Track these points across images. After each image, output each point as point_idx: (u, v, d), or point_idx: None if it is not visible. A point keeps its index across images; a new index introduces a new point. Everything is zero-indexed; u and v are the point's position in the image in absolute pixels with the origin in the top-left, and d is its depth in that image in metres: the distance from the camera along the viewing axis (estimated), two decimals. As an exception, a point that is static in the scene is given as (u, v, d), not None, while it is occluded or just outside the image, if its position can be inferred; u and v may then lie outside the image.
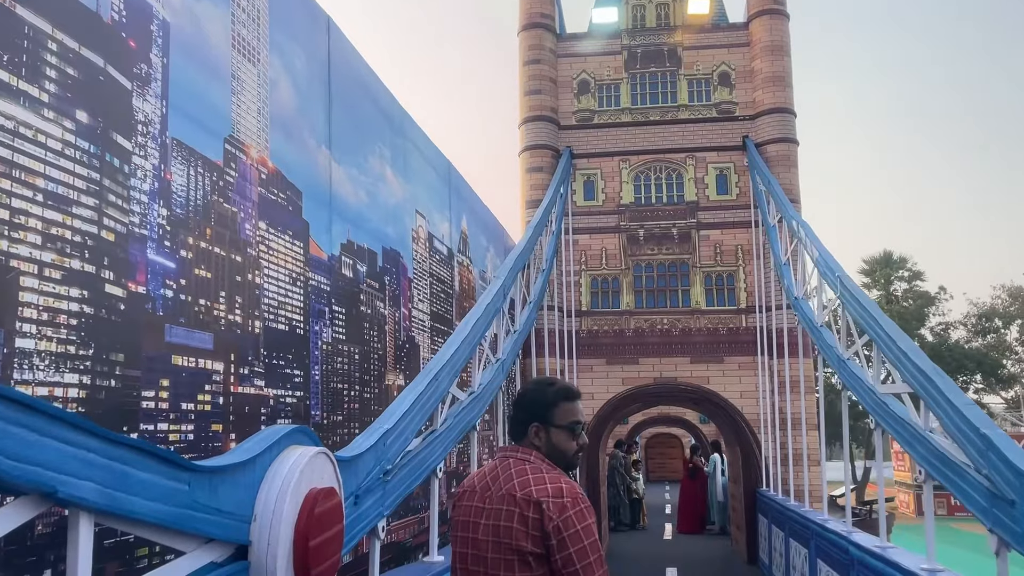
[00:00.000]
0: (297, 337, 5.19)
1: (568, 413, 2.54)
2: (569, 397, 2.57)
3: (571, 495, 2.34)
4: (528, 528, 2.32)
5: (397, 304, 7.16)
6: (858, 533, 6.27)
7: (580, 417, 2.56)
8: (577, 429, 2.54)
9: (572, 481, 2.44)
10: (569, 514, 2.31)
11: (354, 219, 6.29)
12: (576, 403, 2.58)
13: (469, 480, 2.62)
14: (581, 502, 2.34)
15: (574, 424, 2.54)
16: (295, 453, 2.80)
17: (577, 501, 2.34)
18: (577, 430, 2.54)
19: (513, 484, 2.41)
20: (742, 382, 12.49)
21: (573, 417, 2.54)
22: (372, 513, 3.69)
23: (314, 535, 2.74)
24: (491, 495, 2.45)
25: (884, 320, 5.49)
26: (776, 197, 10.63)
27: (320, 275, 5.60)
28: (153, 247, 3.73)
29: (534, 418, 2.53)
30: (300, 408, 5.15)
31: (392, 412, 4.14)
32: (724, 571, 11.78)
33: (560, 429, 2.52)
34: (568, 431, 2.53)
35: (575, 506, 2.32)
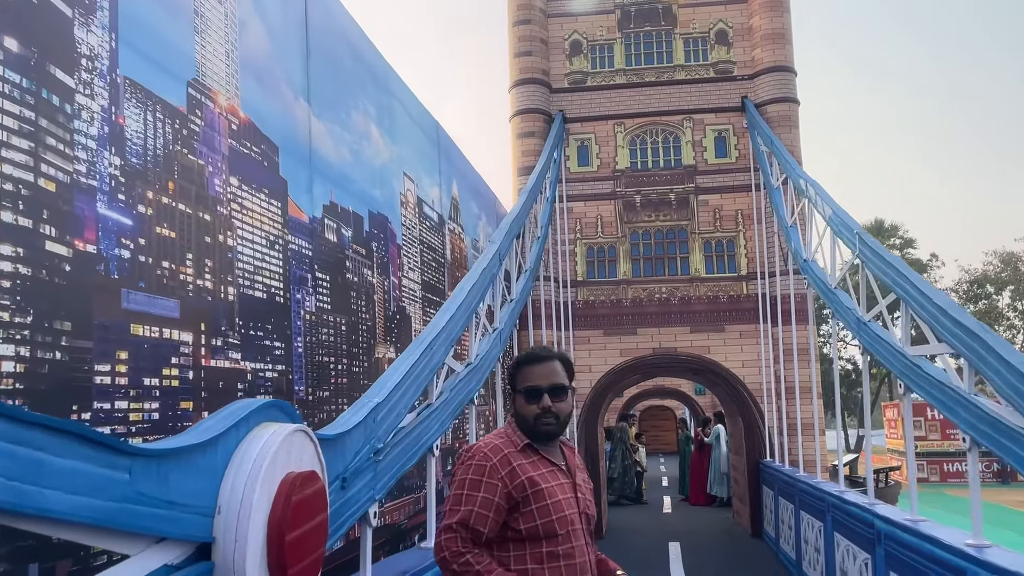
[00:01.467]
0: (277, 305, 4.73)
1: (525, 377, 2.51)
2: (530, 360, 2.54)
3: (474, 451, 2.46)
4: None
5: (386, 272, 6.70)
6: (881, 505, 5.91)
7: (537, 381, 2.49)
8: (535, 393, 2.48)
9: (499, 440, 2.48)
10: (459, 465, 2.47)
11: (337, 179, 5.81)
12: (536, 367, 2.52)
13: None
14: (476, 459, 2.43)
15: (529, 389, 2.49)
16: (267, 432, 2.36)
17: (473, 457, 2.44)
18: (535, 394, 2.48)
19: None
20: (744, 351, 12.13)
21: (528, 381, 2.50)
22: (362, 497, 3.26)
23: (292, 527, 2.30)
24: None
25: (914, 277, 5.08)
26: (780, 156, 10.19)
27: (301, 238, 5.13)
28: (104, 200, 3.26)
29: (510, 385, 2.57)
30: (282, 383, 4.71)
31: (382, 385, 3.70)
32: (728, 545, 11.47)
33: (519, 394, 2.52)
34: (525, 396, 2.50)
35: (467, 461, 2.45)
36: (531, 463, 2.45)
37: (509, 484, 2.39)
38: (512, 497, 2.38)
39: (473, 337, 5.64)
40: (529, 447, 2.49)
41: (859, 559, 6.03)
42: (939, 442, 32.71)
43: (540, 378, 2.50)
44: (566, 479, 2.51)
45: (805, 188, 8.42)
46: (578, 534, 2.44)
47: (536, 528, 2.37)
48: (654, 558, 10.33)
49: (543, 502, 2.38)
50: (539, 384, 2.50)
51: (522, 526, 2.37)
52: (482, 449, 2.45)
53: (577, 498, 2.50)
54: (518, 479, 2.40)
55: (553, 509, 2.39)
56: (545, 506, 2.38)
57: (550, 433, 2.52)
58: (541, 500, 2.38)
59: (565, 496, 2.45)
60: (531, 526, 2.37)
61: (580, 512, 2.48)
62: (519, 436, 2.50)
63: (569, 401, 2.56)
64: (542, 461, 2.48)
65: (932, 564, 4.55)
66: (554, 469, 2.49)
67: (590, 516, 2.53)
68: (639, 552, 10.81)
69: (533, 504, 2.38)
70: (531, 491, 2.39)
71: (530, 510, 2.38)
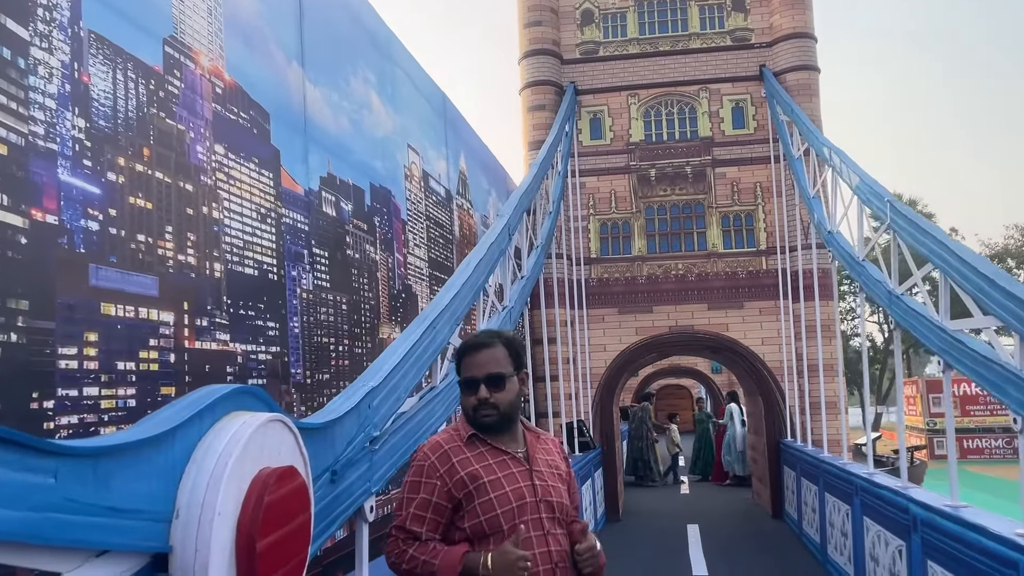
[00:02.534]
0: (269, 283, 4.43)
1: (464, 367, 2.42)
2: (466, 350, 2.44)
3: (418, 451, 2.41)
4: None
5: (390, 249, 6.39)
6: (915, 489, 5.57)
7: (473, 372, 2.38)
8: (471, 385, 2.38)
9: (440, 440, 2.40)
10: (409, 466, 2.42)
11: (335, 150, 5.48)
12: (474, 356, 2.40)
13: None
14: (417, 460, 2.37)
15: (466, 380, 2.40)
16: (236, 422, 2.04)
17: (416, 457, 2.39)
18: (471, 386, 2.38)
19: None
20: (763, 328, 11.77)
21: (465, 372, 2.41)
22: (356, 491, 2.96)
23: (265, 532, 2.00)
24: None
25: (955, 245, 4.71)
26: (802, 125, 9.76)
27: (296, 212, 4.81)
28: (67, 166, 2.95)
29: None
30: (277, 366, 4.41)
31: (378, 367, 3.39)
32: (749, 527, 11.16)
33: (460, 385, 2.43)
34: (462, 387, 2.41)
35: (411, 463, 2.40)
36: (476, 455, 2.34)
37: (448, 482, 2.29)
38: (453, 495, 2.29)
39: (481, 316, 5.32)
40: (475, 438, 2.38)
41: (892, 546, 5.71)
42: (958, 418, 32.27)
43: (476, 368, 2.39)
44: (520, 467, 2.36)
45: (829, 157, 8.01)
46: (528, 526, 2.29)
47: (480, 525, 2.27)
48: (673, 541, 10.05)
49: (486, 496, 2.28)
50: (475, 375, 2.38)
51: (466, 524, 2.28)
52: (423, 447, 2.39)
53: (535, 486, 2.35)
54: (457, 475, 2.29)
55: (498, 503, 2.28)
56: (488, 500, 2.28)
57: (490, 425, 2.37)
58: (484, 495, 2.28)
59: (515, 487, 2.31)
60: (475, 523, 2.27)
61: (538, 500, 2.33)
62: (464, 427, 2.41)
63: (512, 389, 2.40)
64: (491, 451, 2.36)
65: (978, 555, 4.22)
66: (504, 459, 2.36)
67: (552, 503, 2.36)
68: (657, 535, 10.53)
69: (476, 500, 2.27)
70: (472, 487, 2.28)
71: (473, 507, 2.28)
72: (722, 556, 9.08)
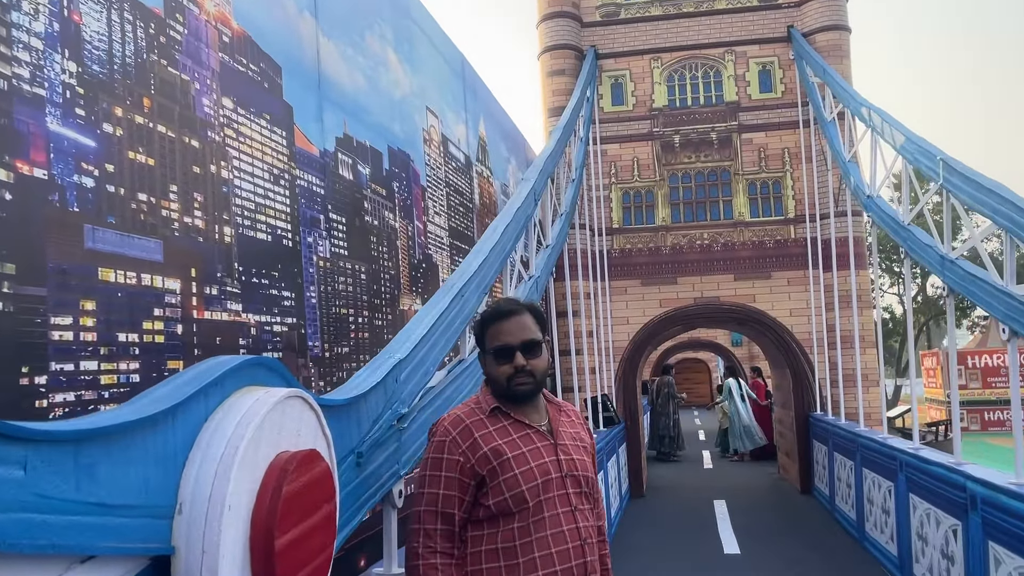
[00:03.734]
0: (284, 250, 4.12)
1: (495, 335, 2.29)
2: (496, 317, 2.31)
3: (437, 426, 2.25)
4: None
5: (410, 216, 6.07)
6: (971, 465, 5.24)
7: (507, 339, 2.26)
8: (506, 352, 2.24)
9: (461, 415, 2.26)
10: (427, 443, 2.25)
11: (351, 109, 5.15)
12: (505, 323, 2.28)
13: None
14: (439, 435, 2.22)
15: (500, 348, 2.26)
16: (248, 399, 1.75)
17: (437, 432, 2.23)
18: (507, 353, 2.24)
19: None
20: (791, 299, 11.40)
21: (498, 340, 2.27)
22: (384, 474, 2.67)
23: (285, 527, 1.70)
24: None
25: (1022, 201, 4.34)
26: (836, 86, 9.32)
27: (311, 174, 4.50)
28: (56, 115, 2.63)
29: (477, 344, 2.36)
30: (293, 338, 4.12)
31: (405, 338, 3.08)
32: (777, 503, 10.88)
33: (488, 355, 2.30)
34: (493, 356, 2.27)
35: (432, 437, 2.24)
36: (499, 430, 2.23)
37: (472, 458, 2.17)
38: (476, 472, 2.16)
39: (507, 284, 5.01)
40: (498, 411, 2.26)
41: (944, 525, 5.39)
42: (980, 390, 31.89)
43: (509, 335, 2.27)
44: (544, 441, 2.26)
45: (869, 117, 7.60)
46: (554, 502, 2.19)
47: (505, 502, 2.15)
48: (700, 518, 9.78)
49: (510, 472, 2.16)
50: (509, 342, 2.26)
51: (491, 501, 2.15)
52: (443, 422, 2.25)
53: (559, 461, 2.24)
54: (480, 451, 2.17)
55: (523, 479, 2.17)
56: (513, 476, 2.16)
57: (527, 393, 2.28)
58: (508, 471, 2.16)
59: (540, 462, 2.21)
60: (500, 500, 2.15)
61: (564, 476, 2.23)
62: (487, 400, 2.28)
63: (545, 356, 2.33)
64: (514, 425, 2.25)
65: (1050, 536, 3.90)
66: (528, 433, 2.25)
67: (579, 478, 2.27)
68: (684, 512, 10.26)
69: (500, 476, 2.16)
70: (496, 463, 2.17)
71: (497, 483, 2.15)
72: (752, 533, 8.80)
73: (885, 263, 35.85)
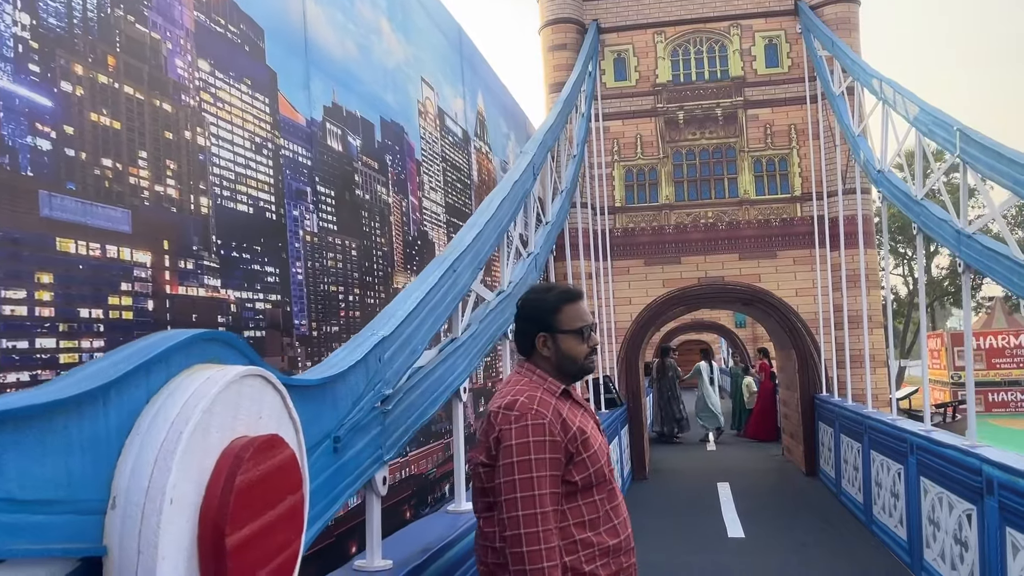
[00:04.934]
0: (267, 223, 3.91)
1: (575, 316, 2.39)
2: (572, 299, 2.41)
3: (522, 408, 2.21)
4: (487, 439, 2.24)
5: (404, 191, 5.84)
6: (987, 448, 5.04)
7: (586, 319, 2.41)
8: (586, 331, 2.39)
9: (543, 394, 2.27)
10: (511, 427, 2.18)
11: (341, 77, 4.92)
12: (581, 304, 2.43)
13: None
14: (531, 418, 2.18)
15: (583, 328, 2.39)
16: (197, 379, 1.54)
17: (526, 416, 2.19)
18: (587, 332, 2.40)
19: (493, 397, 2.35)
20: (797, 279, 11.19)
21: (581, 320, 2.39)
22: (365, 460, 2.47)
23: (238, 522, 1.51)
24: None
25: (1049, 173, 4.11)
26: (845, 59, 9.05)
27: (297, 143, 4.28)
28: (7, 71, 2.42)
29: (539, 328, 2.38)
30: (277, 316, 3.92)
31: (390, 314, 2.88)
32: (782, 485, 10.71)
33: (568, 334, 2.37)
34: (577, 335, 2.38)
35: (520, 420, 2.18)
36: (571, 408, 2.32)
37: (565, 437, 2.22)
38: (568, 450, 2.22)
39: (504, 261, 4.80)
40: (565, 393, 2.35)
41: (957, 510, 5.20)
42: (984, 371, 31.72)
43: (587, 315, 2.42)
44: (593, 420, 2.42)
45: (880, 89, 7.34)
46: (611, 475, 2.36)
47: (590, 477, 2.25)
48: (704, 500, 9.62)
49: (591, 449, 2.27)
50: (589, 321, 2.41)
51: (578, 477, 2.23)
52: (530, 405, 2.21)
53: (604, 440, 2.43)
54: (570, 430, 2.23)
55: (599, 454, 2.30)
56: (593, 453, 2.27)
57: (592, 370, 2.46)
58: (589, 448, 2.26)
59: (599, 439, 2.36)
60: (585, 475, 2.23)
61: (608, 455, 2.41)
62: (552, 382, 2.34)
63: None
64: (575, 405, 2.37)
65: (1073, 523, 3.71)
66: (584, 412, 2.40)
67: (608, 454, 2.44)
68: (687, 494, 10.10)
69: (584, 453, 2.24)
70: (581, 440, 2.25)
71: (583, 459, 2.23)
72: (757, 517, 8.63)
73: (890, 243, 35.58)
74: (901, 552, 6.62)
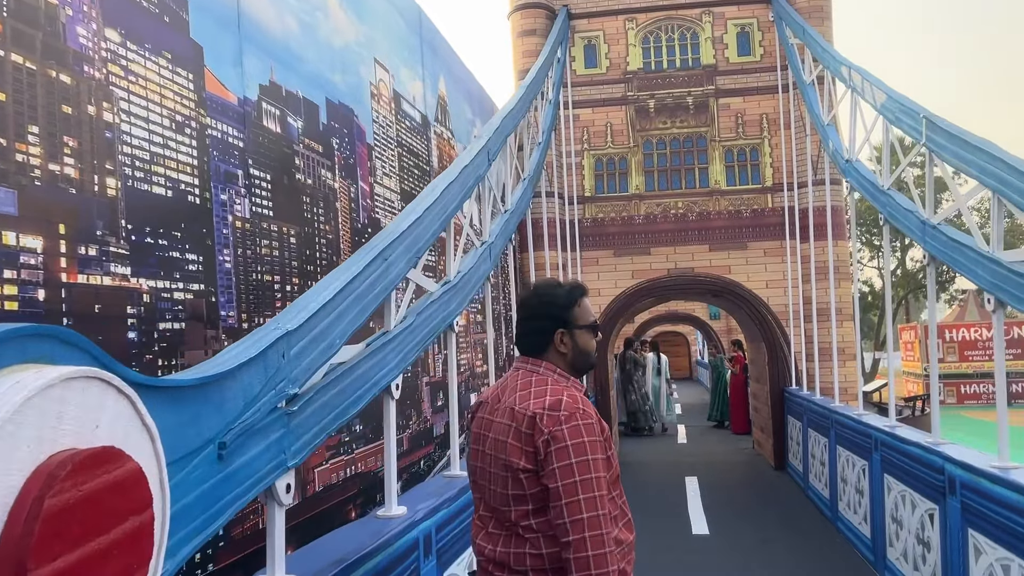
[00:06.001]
0: (189, 206, 3.65)
1: (587, 311, 2.41)
2: (584, 293, 2.44)
3: (569, 408, 2.17)
4: (522, 444, 2.17)
5: (352, 176, 5.59)
6: (950, 445, 4.89)
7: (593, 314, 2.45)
8: (596, 328, 2.44)
9: (579, 393, 2.28)
10: (563, 428, 2.13)
11: (280, 55, 4.65)
12: (587, 299, 2.45)
13: (487, 390, 2.47)
14: (580, 417, 2.15)
15: (595, 322, 2.43)
16: (3, 384, 1.30)
17: (575, 415, 2.15)
18: (597, 326, 2.44)
19: (515, 397, 2.26)
20: (767, 270, 11.05)
21: (592, 315, 2.43)
22: (261, 466, 2.23)
23: (46, 554, 1.27)
24: (496, 408, 2.30)
25: (1016, 160, 3.93)
26: (815, 46, 8.88)
27: (227, 123, 4.01)
28: None
29: (558, 324, 2.35)
30: (201, 307, 3.66)
31: (301, 306, 2.64)
32: (750, 480, 10.60)
33: (583, 330, 2.38)
34: (591, 330, 2.40)
35: (571, 420, 2.14)
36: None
37: (604, 435, 2.24)
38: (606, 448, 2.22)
39: (450, 250, 4.56)
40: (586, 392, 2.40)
41: (920, 508, 5.06)
42: (956, 364, 32.01)
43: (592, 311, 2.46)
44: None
45: (849, 76, 7.17)
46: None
47: (616, 472, 2.29)
48: (670, 496, 9.47)
49: (612, 446, 2.29)
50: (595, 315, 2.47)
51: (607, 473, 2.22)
52: (575, 405, 2.18)
53: None
54: (605, 429, 2.26)
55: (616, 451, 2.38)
56: (614, 450, 2.30)
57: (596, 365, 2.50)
58: (611, 445, 2.28)
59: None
60: (612, 472, 2.25)
61: None
62: (575, 381, 2.37)
63: None
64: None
65: (1036, 526, 3.55)
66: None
67: None
68: (654, 489, 9.94)
69: (610, 449, 2.25)
70: (606, 436, 2.26)
71: (610, 455, 2.24)
72: (723, 512, 8.49)
73: (865, 236, 35.69)
74: (865, 550, 6.49)
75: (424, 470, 6.69)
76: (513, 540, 2.19)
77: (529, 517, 2.16)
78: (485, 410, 2.36)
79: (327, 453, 4.87)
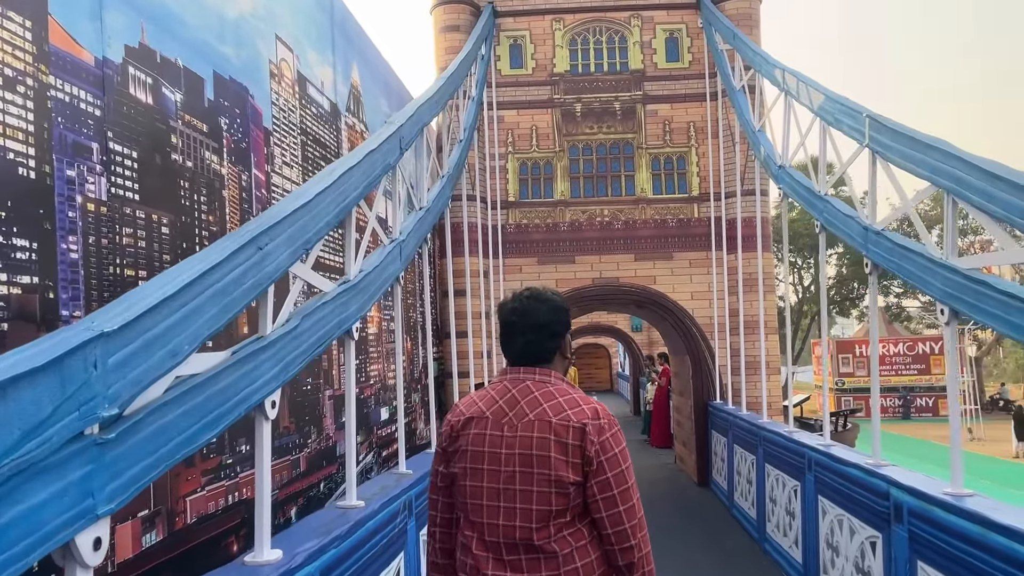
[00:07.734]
0: (19, 181, 2.97)
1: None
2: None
3: (606, 416, 2.20)
4: (568, 456, 2.12)
5: (246, 163, 4.94)
6: (892, 467, 4.54)
7: None
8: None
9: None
10: (607, 437, 2.16)
11: (155, 15, 3.99)
12: None
13: (469, 406, 2.28)
14: (615, 424, 2.19)
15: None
16: None
17: (613, 423, 2.19)
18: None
19: (543, 409, 2.17)
20: (693, 281, 10.79)
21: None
22: (46, 519, 1.61)
23: None
24: (513, 422, 2.18)
25: (972, 157, 3.60)
26: (746, 51, 8.64)
27: (79, 86, 3.34)
28: None
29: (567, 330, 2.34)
30: (32, 303, 2.98)
31: (126, 302, 2.02)
32: (672, 496, 10.25)
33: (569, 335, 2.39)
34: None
35: (611, 428, 2.17)
36: None
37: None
38: None
39: (349, 245, 3.97)
40: None
41: (861, 536, 4.70)
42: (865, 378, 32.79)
43: None
44: None
45: (783, 80, 6.90)
46: None
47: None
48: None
49: None
50: None
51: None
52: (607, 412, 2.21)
53: None
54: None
55: None
56: None
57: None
58: None
59: None
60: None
61: None
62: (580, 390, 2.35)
63: None
64: None
65: (996, 560, 3.19)
66: None
67: None
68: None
69: None
70: None
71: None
72: (647, 533, 8.07)
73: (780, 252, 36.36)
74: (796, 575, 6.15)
75: (325, 492, 6.05)
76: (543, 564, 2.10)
77: (563, 530, 2.11)
78: (482, 426, 2.20)
79: (204, 479, 4.20)
